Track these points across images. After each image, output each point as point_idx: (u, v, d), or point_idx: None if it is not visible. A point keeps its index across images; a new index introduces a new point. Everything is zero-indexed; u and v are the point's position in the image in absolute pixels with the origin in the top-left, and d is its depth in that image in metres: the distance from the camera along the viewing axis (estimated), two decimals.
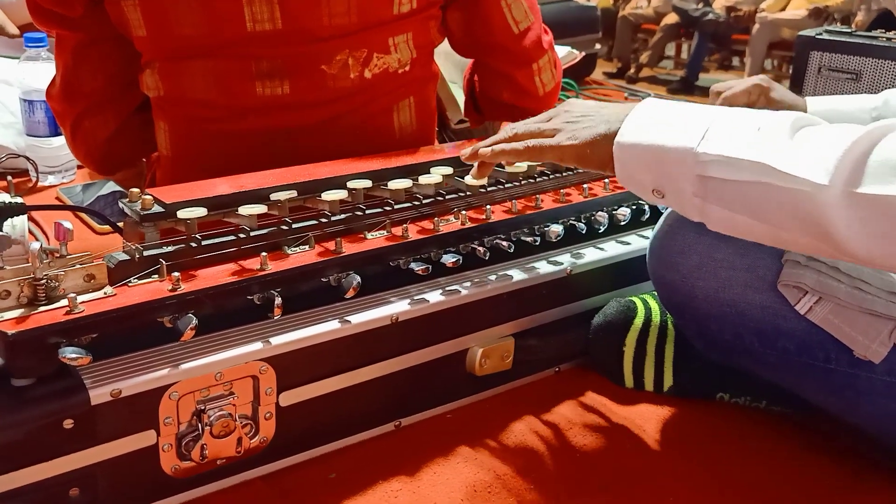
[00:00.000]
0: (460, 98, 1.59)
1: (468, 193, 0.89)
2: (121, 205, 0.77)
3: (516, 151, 0.76)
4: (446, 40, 1.13)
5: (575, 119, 0.74)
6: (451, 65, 1.61)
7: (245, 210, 0.76)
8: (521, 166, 0.93)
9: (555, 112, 0.78)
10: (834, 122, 1.23)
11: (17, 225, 0.93)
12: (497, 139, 0.79)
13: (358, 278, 0.74)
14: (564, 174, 0.98)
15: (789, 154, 0.60)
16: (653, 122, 0.68)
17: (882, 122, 0.59)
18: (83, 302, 0.64)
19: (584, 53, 2.23)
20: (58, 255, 0.66)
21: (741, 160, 0.62)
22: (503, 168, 0.92)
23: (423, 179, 0.87)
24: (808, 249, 0.65)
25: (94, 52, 1.05)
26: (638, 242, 0.95)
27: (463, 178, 0.89)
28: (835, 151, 0.58)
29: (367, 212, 0.82)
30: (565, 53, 2.05)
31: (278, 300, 0.70)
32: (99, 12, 0.98)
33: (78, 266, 0.66)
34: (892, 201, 0.55)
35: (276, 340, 0.70)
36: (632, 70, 6.21)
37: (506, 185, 0.94)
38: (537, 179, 0.96)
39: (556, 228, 0.88)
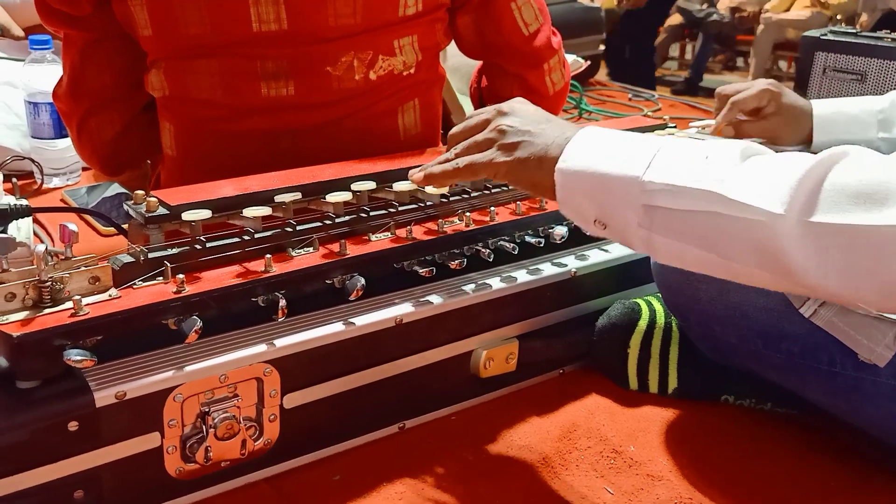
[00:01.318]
0: (467, 105, 1.60)
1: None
2: (125, 207, 0.77)
3: (447, 174, 0.74)
4: (453, 53, 1.13)
5: (513, 131, 0.71)
6: (457, 78, 1.62)
7: (249, 212, 0.76)
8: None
9: (498, 109, 0.75)
10: (841, 124, 1.24)
11: (22, 227, 0.93)
12: (438, 160, 0.77)
13: (362, 280, 0.74)
14: None
15: (740, 183, 0.58)
16: (596, 149, 0.66)
17: (834, 149, 0.57)
18: (88, 304, 0.64)
19: (589, 62, 2.24)
20: (63, 258, 0.66)
21: (689, 188, 0.60)
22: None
23: None
24: (759, 282, 0.61)
25: (101, 51, 1.05)
26: None
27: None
28: (788, 179, 0.56)
29: (372, 214, 0.83)
30: (571, 61, 2.06)
31: (283, 302, 0.70)
32: (107, 12, 0.99)
33: (83, 268, 0.66)
34: (849, 230, 0.53)
35: (280, 342, 0.70)
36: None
37: (510, 188, 0.94)
38: None
39: (561, 230, 0.88)
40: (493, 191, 0.92)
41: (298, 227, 0.78)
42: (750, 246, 0.58)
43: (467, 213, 0.85)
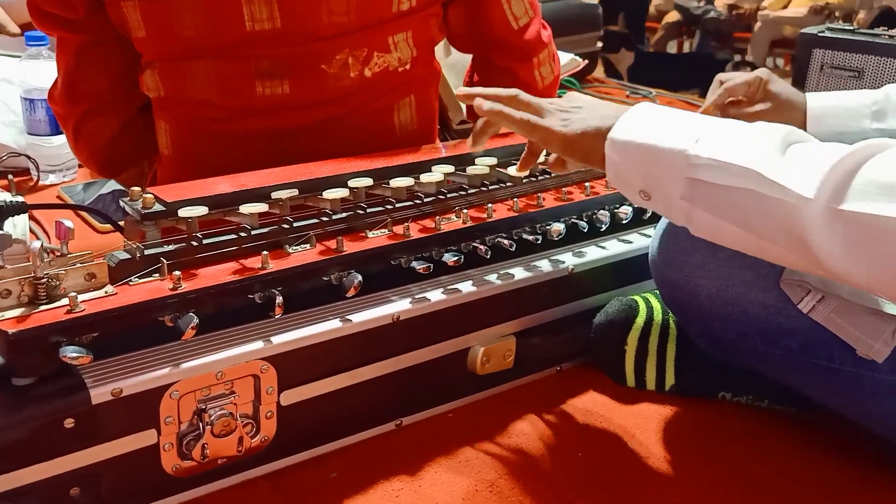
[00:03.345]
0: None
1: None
2: (122, 203, 0.77)
3: (509, 117, 0.76)
4: (447, 52, 1.13)
5: (572, 108, 0.74)
6: (454, 74, 1.62)
7: (246, 209, 0.76)
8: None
9: (557, 100, 0.78)
10: (835, 117, 1.24)
11: (18, 224, 0.93)
12: (499, 94, 0.79)
13: (359, 277, 0.74)
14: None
15: (779, 164, 0.60)
16: (647, 123, 0.68)
17: (874, 140, 0.59)
18: (84, 301, 0.64)
19: (587, 61, 2.24)
20: (59, 254, 0.66)
21: (732, 165, 0.62)
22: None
23: (424, 178, 0.87)
24: (788, 263, 0.64)
25: (96, 54, 1.05)
26: (640, 241, 0.95)
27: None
28: (823, 166, 0.58)
29: (369, 210, 0.82)
30: (569, 60, 2.06)
31: (279, 299, 0.70)
32: (100, 14, 0.98)
33: (79, 265, 0.66)
34: (875, 221, 0.55)
35: (277, 339, 0.70)
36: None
37: (507, 184, 0.93)
38: (539, 178, 0.96)
39: (558, 227, 0.88)
40: (490, 188, 0.92)
41: (295, 224, 0.78)
42: (780, 226, 0.60)
43: (465, 210, 0.85)
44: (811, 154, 0.60)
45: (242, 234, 0.75)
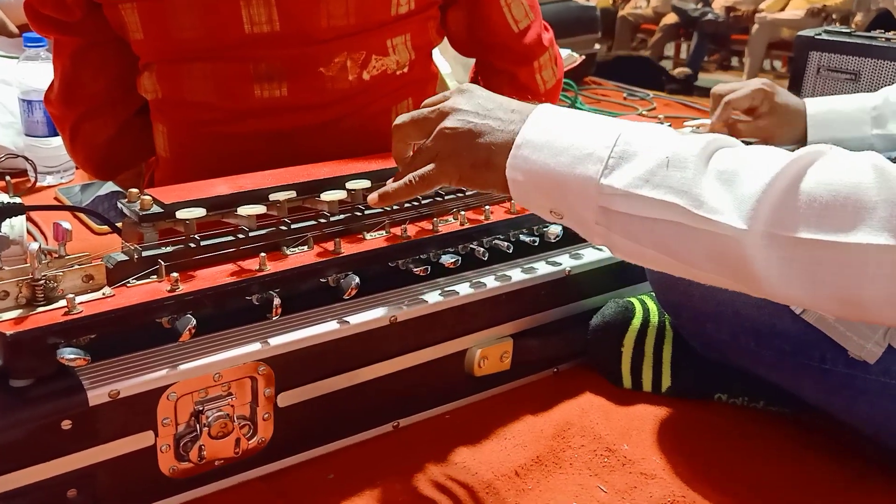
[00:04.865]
0: None
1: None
2: (119, 205, 0.77)
3: (401, 191, 0.69)
4: (448, 42, 1.13)
5: (455, 134, 0.66)
6: (460, 67, 1.62)
7: (244, 210, 0.76)
8: None
9: (440, 109, 0.69)
10: (835, 122, 1.24)
11: (15, 225, 0.93)
12: (389, 191, 0.71)
13: (357, 279, 0.74)
14: None
15: (703, 193, 0.56)
16: (549, 143, 0.62)
17: (804, 150, 0.56)
18: (82, 302, 0.64)
19: (584, 56, 2.24)
20: (56, 256, 0.66)
21: (649, 198, 0.57)
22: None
23: None
24: (722, 286, 0.61)
25: (93, 56, 1.04)
26: None
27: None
28: (753, 189, 0.55)
29: (366, 212, 0.82)
30: (566, 56, 2.06)
31: (277, 301, 0.70)
32: (97, 16, 0.98)
33: (76, 266, 0.66)
34: (814, 245, 0.53)
35: (274, 341, 0.70)
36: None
37: None
38: None
39: (555, 229, 0.88)
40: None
41: (293, 226, 0.78)
42: (711, 255, 0.57)
43: (462, 212, 0.85)
44: (739, 171, 0.56)
45: (240, 236, 0.75)
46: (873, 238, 0.52)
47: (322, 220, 0.80)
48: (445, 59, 1.63)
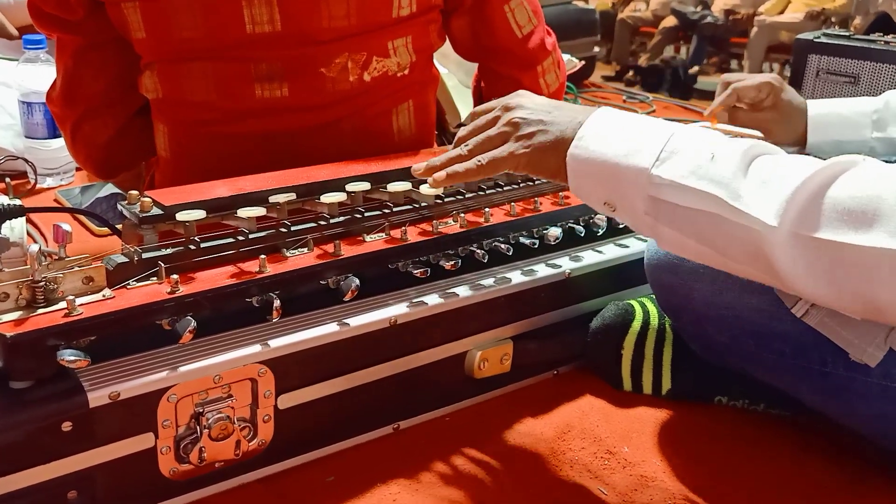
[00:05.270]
0: (463, 101, 1.60)
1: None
2: (119, 207, 0.77)
3: (471, 172, 0.73)
4: (450, 45, 1.13)
5: (526, 122, 0.72)
6: (462, 72, 1.62)
7: (244, 212, 0.76)
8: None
9: (504, 105, 0.75)
10: (836, 125, 1.25)
11: (15, 227, 0.93)
12: (451, 157, 0.75)
13: (357, 281, 0.74)
14: None
15: (741, 188, 0.61)
16: (608, 136, 0.67)
17: (836, 159, 0.59)
18: (82, 304, 0.64)
19: (583, 62, 2.25)
20: (56, 258, 0.66)
21: (693, 189, 0.62)
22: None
23: (422, 188, 0.87)
24: (756, 279, 0.65)
25: (95, 56, 1.05)
26: (636, 245, 0.95)
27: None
28: (785, 190, 0.58)
29: (366, 214, 0.83)
30: (566, 61, 2.07)
31: (277, 303, 0.70)
32: (100, 15, 0.98)
33: (76, 268, 0.66)
34: (838, 247, 0.56)
35: (274, 343, 0.70)
36: (630, 73, 6.22)
37: (504, 188, 0.94)
38: (536, 182, 0.96)
39: (555, 231, 0.88)
40: (487, 192, 0.92)
41: (293, 228, 0.78)
42: (745, 248, 0.61)
43: (462, 215, 0.85)
44: (775, 174, 0.60)
45: (240, 238, 0.75)
46: (887, 243, 0.54)
47: (322, 223, 0.80)
48: (442, 65, 1.64)
